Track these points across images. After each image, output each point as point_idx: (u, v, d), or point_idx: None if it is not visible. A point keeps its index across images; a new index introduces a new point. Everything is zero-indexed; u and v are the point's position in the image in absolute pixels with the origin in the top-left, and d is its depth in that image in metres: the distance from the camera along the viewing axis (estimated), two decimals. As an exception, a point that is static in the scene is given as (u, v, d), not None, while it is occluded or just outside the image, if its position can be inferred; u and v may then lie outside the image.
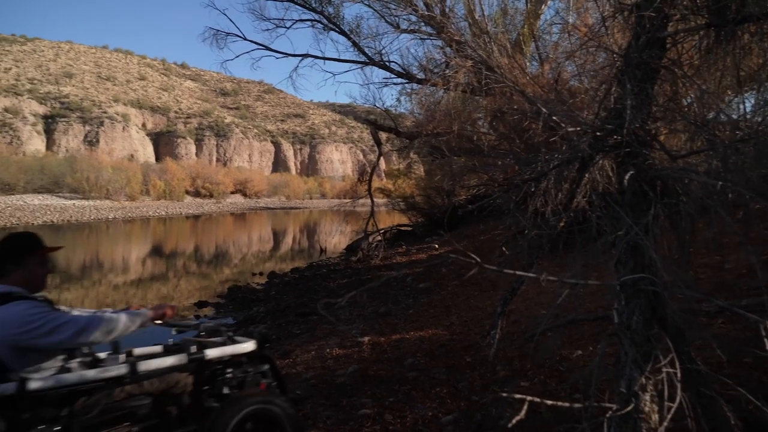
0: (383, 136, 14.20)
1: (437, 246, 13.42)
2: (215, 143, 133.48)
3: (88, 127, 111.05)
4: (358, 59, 11.67)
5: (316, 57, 12.14)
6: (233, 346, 2.84)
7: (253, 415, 2.68)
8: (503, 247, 4.76)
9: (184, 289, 14.03)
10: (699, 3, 2.62)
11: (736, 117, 3.06)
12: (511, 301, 3.87)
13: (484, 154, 8.07)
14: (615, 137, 2.46)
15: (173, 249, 25.74)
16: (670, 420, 1.73)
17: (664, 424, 1.72)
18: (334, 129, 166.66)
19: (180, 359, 2.63)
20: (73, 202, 59.50)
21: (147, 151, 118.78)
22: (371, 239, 14.27)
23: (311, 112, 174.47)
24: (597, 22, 5.83)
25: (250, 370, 2.94)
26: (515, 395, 1.59)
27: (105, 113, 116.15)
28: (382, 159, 15.05)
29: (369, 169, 15.04)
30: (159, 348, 2.88)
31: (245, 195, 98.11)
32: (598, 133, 2.52)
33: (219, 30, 11.93)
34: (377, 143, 13.90)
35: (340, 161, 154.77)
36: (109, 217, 45.48)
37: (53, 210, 48.73)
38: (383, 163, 18.38)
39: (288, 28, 11.86)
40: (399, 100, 31.59)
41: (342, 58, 11.85)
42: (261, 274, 15.08)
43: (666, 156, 2.50)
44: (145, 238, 32.24)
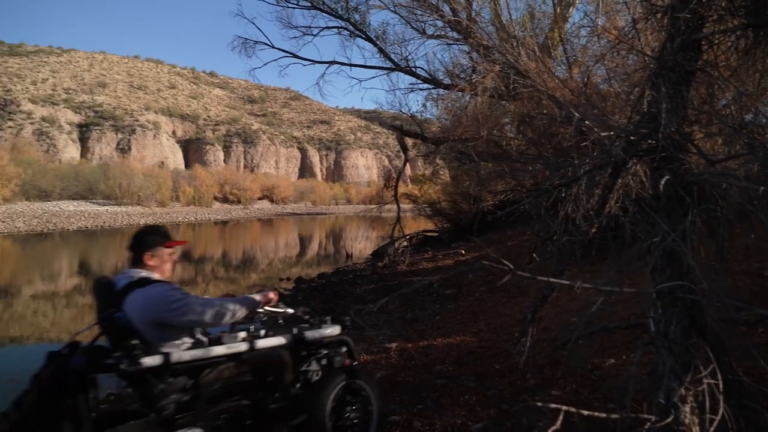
0: (409, 141, 14.20)
1: (464, 252, 13.33)
2: (243, 150, 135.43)
3: (120, 135, 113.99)
4: (384, 65, 11.73)
5: (342, 64, 12.24)
6: (325, 329, 3.21)
7: (344, 389, 3.01)
8: (533, 253, 4.70)
9: (212, 294, 14.20)
10: (736, 3, 2.56)
11: (776, 119, 2.97)
12: (541, 308, 3.82)
13: (512, 159, 7.98)
14: (649, 141, 2.41)
15: (202, 254, 26.14)
16: (711, 433, 1.68)
17: (705, 436, 1.67)
18: (359, 135, 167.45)
19: (287, 339, 2.99)
20: (106, 208, 61.01)
21: (177, 158, 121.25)
22: (397, 245, 14.25)
23: (337, 118, 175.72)
24: (627, 24, 5.74)
25: (336, 351, 3.28)
26: (550, 405, 1.56)
27: (137, 121, 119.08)
28: (407, 164, 15.04)
29: (395, 175, 15.04)
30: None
31: (272, 201, 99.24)
32: (631, 138, 2.47)
33: (248, 39, 12.13)
34: (403, 149, 13.90)
35: (365, 167, 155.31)
36: (140, 223, 46.47)
37: (87, 216, 50.03)
38: (408, 169, 18.37)
39: (315, 35, 11.99)
40: (425, 105, 31.56)
41: (368, 64, 11.81)
42: (288, 279, 15.19)
43: (703, 160, 2.44)
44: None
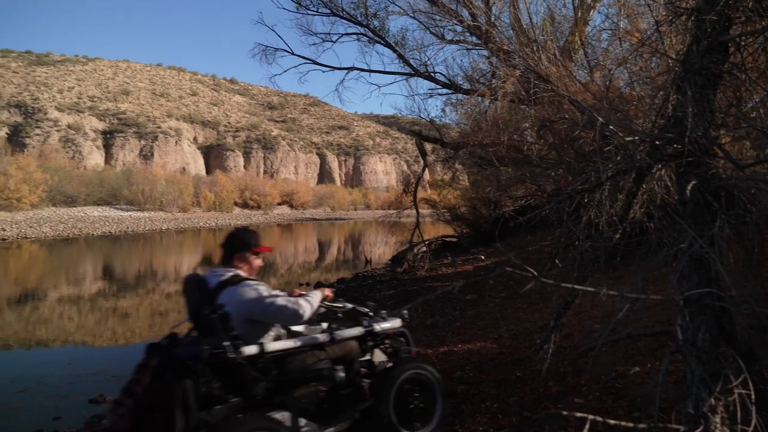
0: (428, 146, 14.16)
1: (483, 257, 13.24)
2: (262, 156, 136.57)
3: (143, 142, 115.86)
4: (403, 71, 11.74)
5: (361, 69, 12.29)
6: (390, 322, 3.47)
7: (409, 378, 3.26)
8: (555, 259, 4.65)
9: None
10: (765, 4, 2.51)
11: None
12: (564, 315, 3.77)
13: (532, 164, 7.92)
14: (675, 146, 2.37)
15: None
16: (742, 444, 1.63)
17: (736, 448, 1.63)
18: (378, 140, 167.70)
19: (359, 331, 3.26)
20: (130, 213, 62.00)
21: (198, 164, 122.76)
22: (416, 250, 14.20)
23: (356, 123, 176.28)
24: (650, 27, 5.66)
25: (399, 342, 3.57)
26: (576, 413, 1.53)
27: (159, 128, 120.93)
28: (426, 169, 15.00)
29: (413, 180, 15.02)
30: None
31: (291, 206, 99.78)
32: (656, 142, 2.43)
33: (268, 46, 12.24)
34: (422, 154, 13.87)
35: (384, 172, 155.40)
36: (162, 228, 47.13)
37: (111, 221, 50.88)
38: (427, 174, 18.33)
39: (334, 42, 12.05)
40: (444, 110, 31.45)
41: (387, 70, 11.94)
42: (308, 284, 15.25)
43: (731, 165, 2.39)
44: (197, 248, 33.23)
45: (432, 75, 11.20)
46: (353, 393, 3.15)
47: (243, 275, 2.92)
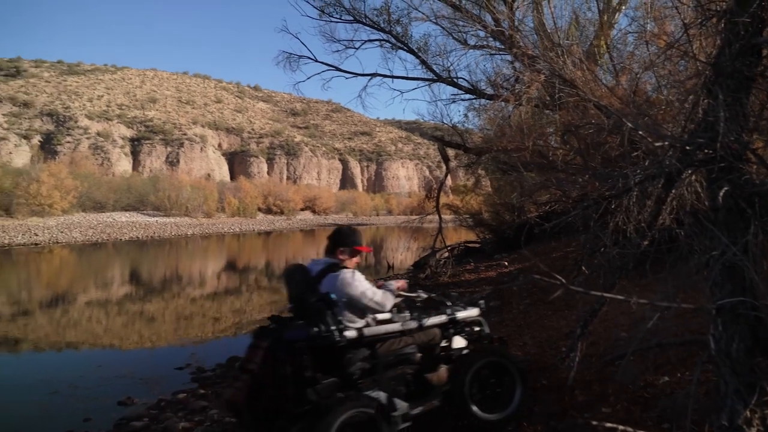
0: (450, 152, 14.11)
1: (507, 263, 13.12)
2: (286, 162, 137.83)
3: (169, 149, 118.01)
4: (425, 77, 11.72)
5: (384, 76, 12.30)
6: (469, 310, 3.70)
7: (488, 365, 3.49)
8: (581, 266, 4.58)
9: (255, 303, 14.49)
10: (799, 6, 2.44)
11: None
12: (590, 323, 3.71)
13: (557, 169, 7.82)
14: (706, 151, 2.32)
15: (246, 264, 26.70)
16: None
17: (773, 462, 1.58)
18: (400, 146, 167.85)
19: (443, 318, 3.50)
20: (156, 219, 63.14)
21: (222, 171, 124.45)
22: (439, 256, 14.14)
23: (378, 129, 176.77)
24: (678, 29, 5.56)
25: (476, 330, 3.77)
26: (605, 423, 1.51)
27: (185, 135, 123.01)
28: (449, 175, 14.94)
29: (436, 186, 14.98)
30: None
31: (314, 212, 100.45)
32: (687, 148, 2.39)
33: (292, 53, 12.33)
34: (445, 159, 13.82)
35: (406, 178, 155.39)
36: (188, 234, 47.84)
37: (138, 227, 51.87)
38: (449, 179, 18.24)
39: (357, 48, 12.09)
40: (467, 115, 31.40)
41: (410, 75, 11.85)
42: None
43: (765, 170, 2.33)
44: (221, 253, 33.64)
45: (455, 80, 11.17)
46: (435, 377, 3.41)
47: (342, 265, 3.24)
